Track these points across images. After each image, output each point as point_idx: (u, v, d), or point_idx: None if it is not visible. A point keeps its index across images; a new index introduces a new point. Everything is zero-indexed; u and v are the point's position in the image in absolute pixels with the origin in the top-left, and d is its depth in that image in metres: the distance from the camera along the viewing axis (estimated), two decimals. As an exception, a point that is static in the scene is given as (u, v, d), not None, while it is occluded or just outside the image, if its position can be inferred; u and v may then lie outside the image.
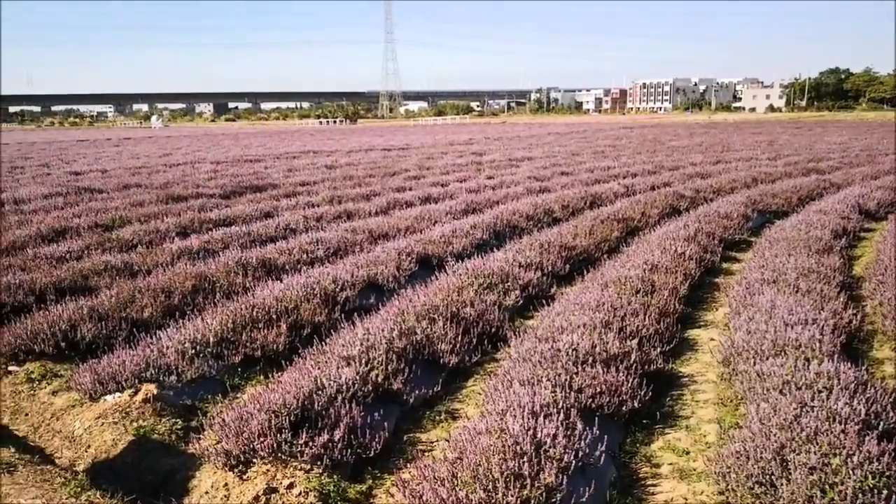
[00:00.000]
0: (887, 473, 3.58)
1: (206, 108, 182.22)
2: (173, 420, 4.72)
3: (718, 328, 6.92)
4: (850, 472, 3.56)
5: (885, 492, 3.43)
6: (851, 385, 4.56)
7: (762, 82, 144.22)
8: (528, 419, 4.13)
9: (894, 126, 50.49)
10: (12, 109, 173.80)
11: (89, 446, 4.51)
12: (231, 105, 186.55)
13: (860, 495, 3.44)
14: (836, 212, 11.55)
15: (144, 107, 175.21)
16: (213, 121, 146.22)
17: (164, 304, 6.75)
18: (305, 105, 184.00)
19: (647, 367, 5.41)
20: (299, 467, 4.12)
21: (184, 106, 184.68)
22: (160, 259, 8.43)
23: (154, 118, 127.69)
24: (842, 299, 6.83)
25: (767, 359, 5.16)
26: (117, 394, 4.94)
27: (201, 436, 4.50)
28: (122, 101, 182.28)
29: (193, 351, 5.53)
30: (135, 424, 4.60)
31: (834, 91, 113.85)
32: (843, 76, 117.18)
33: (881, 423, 4.19)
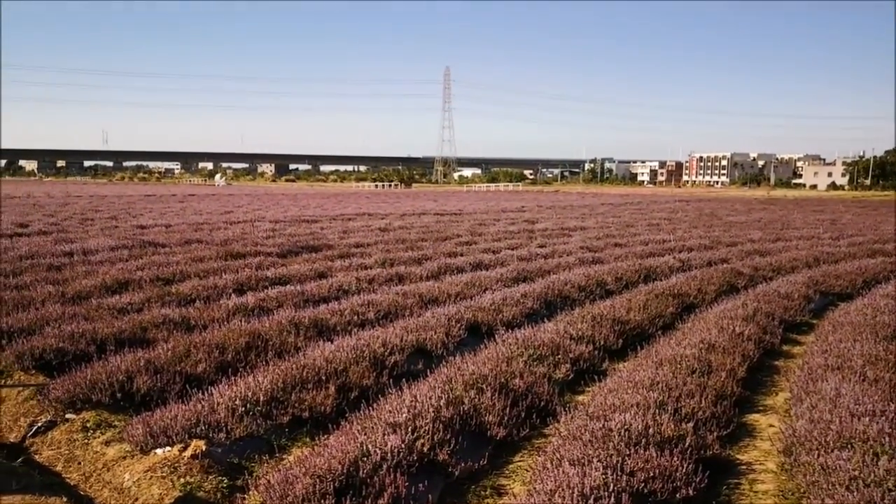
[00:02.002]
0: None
1: (268, 168, 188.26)
2: (220, 478, 4.73)
3: (779, 414, 6.65)
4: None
5: None
6: (924, 484, 4.30)
7: (824, 159, 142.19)
8: (578, 501, 4.01)
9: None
10: (87, 163, 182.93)
11: (137, 499, 4.55)
12: (291, 166, 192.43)
13: None
14: (904, 297, 11.12)
15: (209, 164, 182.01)
16: (273, 181, 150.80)
17: (218, 359, 6.86)
18: (362, 168, 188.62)
19: (702, 451, 5.21)
20: (341, 536, 4.05)
21: (246, 165, 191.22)
22: (216, 315, 8.60)
23: (217, 176, 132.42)
24: (912, 390, 6.50)
25: (832, 451, 4.91)
26: (167, 448, 4.99)
27: (246, 496, 4.50)
28: (188, 159, 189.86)
29: (243, 409, 5.57)
30: (182, 480, 4.62)
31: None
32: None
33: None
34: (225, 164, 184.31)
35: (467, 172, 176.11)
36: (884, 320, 9.17)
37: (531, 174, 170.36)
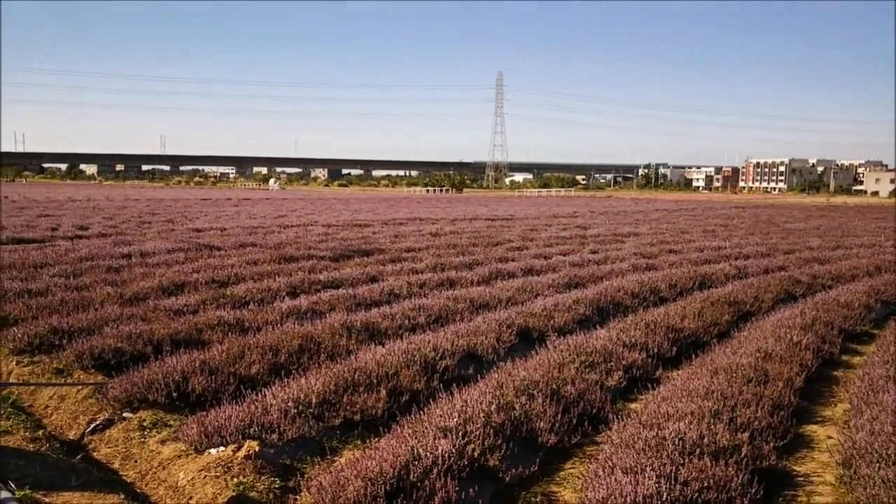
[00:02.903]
0: None
1: (321, 173, 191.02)
2: (272, 479, 4.81)
3: (837, 426, 6.44)
4: None
5: None
6: None
7: (886, 165, 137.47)
8: (630, 510, 3.95)
9: None
10: (145, 168, 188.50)
11: (191, 498, 4.65)
12: (344, 171, 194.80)
13: None
14: (974, 307, 10.67)
15: (263, 169, 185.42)
16: (326, 185, 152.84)
17: (271, 361, 6.98)
18: (414, 173, 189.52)
19: (758, 462, 5.09)
20: (391, 538, 4.08)
21: (300, 170, 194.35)
22: (270, 317, 8.75)
23: (272, 181, 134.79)
24: (981, 405, 6.23)
25: (893, 464, 4.75)
26: (221, 448, 5.09)
27: (297, 497, 4.56)
28: (243, 164, 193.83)
29: (296, 410, 5.65)
30: (235, 480, 4.71)
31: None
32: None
33: None
34: (279, 169, 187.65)
35: (519, 177, 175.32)
36: (952, 331, 8.81)
37: (583, 180, 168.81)
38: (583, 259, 16.42)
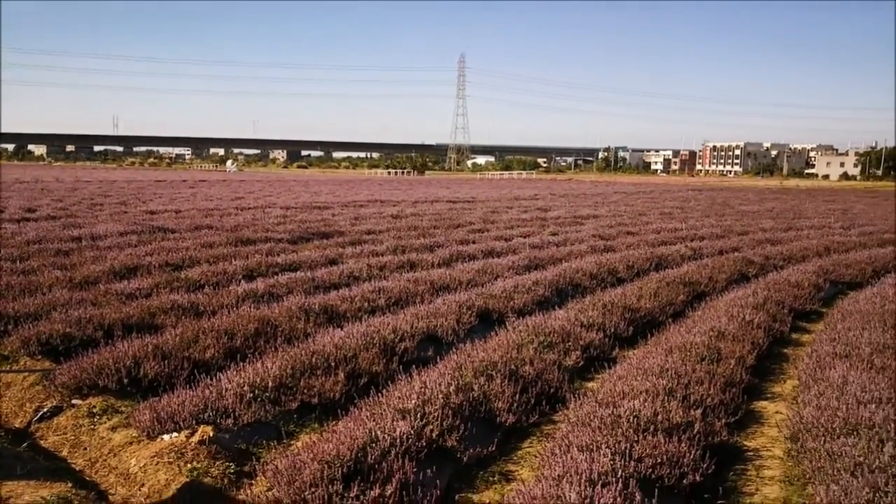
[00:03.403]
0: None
1: (280, 155, 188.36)
2: (227, 464, 4.75)
3: (786, 401, 6.61)
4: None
5: None
6: (931, 472, 4.28)
7: (836, 150, 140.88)
8: (586, 487, 4.00)
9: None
10: (97, 148, 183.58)
11: (143, 485, 4.57)
12: (303, 152, 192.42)
13: None
14: (917, 286, 11.02)
15: (220, 150, 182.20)
16: (285, 167, 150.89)
17: (227, 345, 6.88)
18: (375, 155, 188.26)
19: (710, 438, 5.20)
20: (348, 521, 4.06)
21: (258, 151, 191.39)
22: (225, 301, 8.62)
23: (229, 162, 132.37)
24: (922, 379, 6.46)
25: (839, 437, 4.90)
26: (174, 433, 5.01)
27: (253, 482, 4.51)
28: (199, 145, 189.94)
29: (252, 395, 5.58)
30: (189, 466, 4.64)
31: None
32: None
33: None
34: (236, 150, 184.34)
35: (480, 160, 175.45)
36: (892, 309, 9.10)
37: (545, 162, 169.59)
38: (543, 241, 16.51)
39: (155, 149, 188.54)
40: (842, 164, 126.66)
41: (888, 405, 5.39)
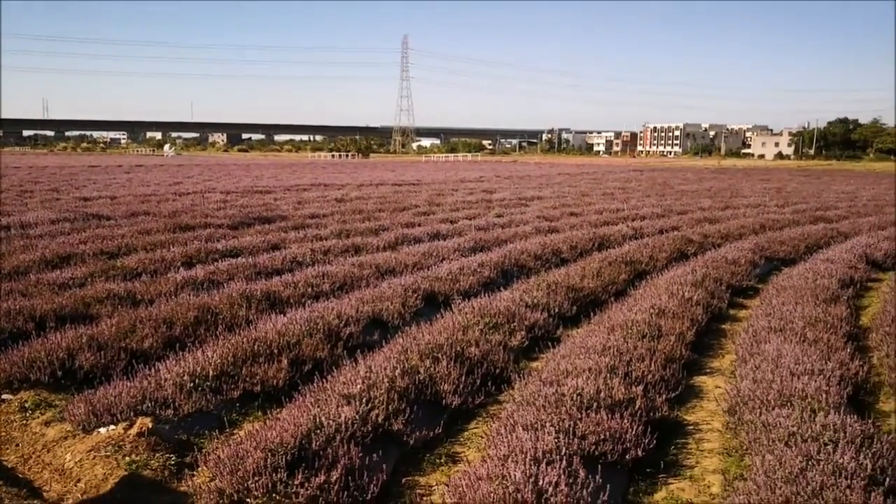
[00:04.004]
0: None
1: (220, 138, 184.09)
2: (167, 455, 4.63)
3: (725, 376, 6.80)
4: (862, 533, 3.45)
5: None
6: (858, 439, 4.46)
7: (771, 130, 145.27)
8: (531, 466, 4.04)
9: (904, 176, 50.59)
10: (26, 133, 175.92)
11: (79, 480, 4.42)
12: (244, 136, 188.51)
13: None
14: (844, 261, 11.46)
15: (158, 134, 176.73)
16: (225, 151, 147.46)
17: (165, 334, 6.70)
18: (318, 138, 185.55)
19: (652, 414, 5.31)
20: (293, 508, 4.01)
21: (197, 135, 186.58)
22: (163, 289, 8.39)
23: (167, 146, 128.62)
24: (848, 350, 6.73)
25: (773, 409, 5.06)
26: (111, 426, 4.86)
27: (195, 472, 4.42)
28: (135, 129, 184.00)
29: (192, 384, 5.45)
30: (127, 459, 4.51)
31: (842, 140, 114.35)
32: (850, 126, 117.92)
33: (887, 478, 4.08)
34: (174, 134, 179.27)
35: (426, 143, 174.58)
36: (824, 283, 9.44)
37: (490, 145, 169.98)
38: (488, 223, 16.58)
39: (88, 133, 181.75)
40: (776, 144, 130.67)
41: (819, 376, 5.59)
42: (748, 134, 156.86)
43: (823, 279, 9.74)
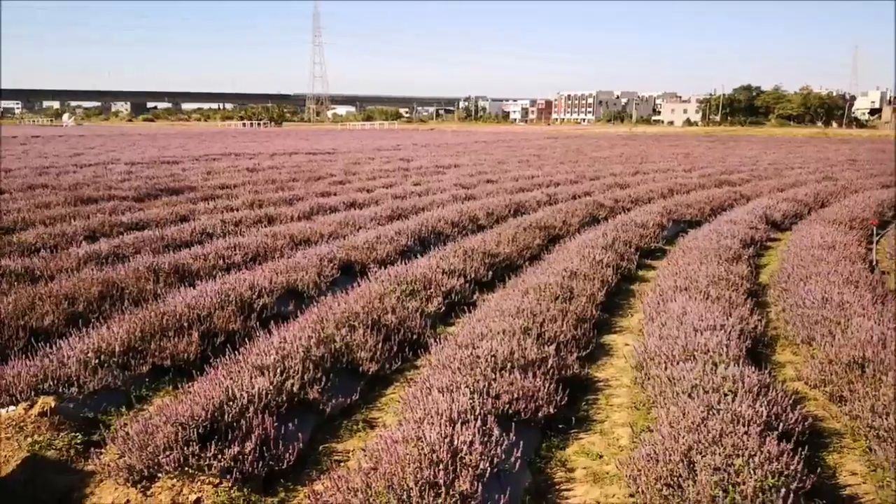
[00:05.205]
0: (786, 473, 3.72)
1: (123, 108, 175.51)
2: (72, 434, 4.47)
3: (633, 334, 7.07)
4: (752, 471, 3.68)
5: (783, 490, 3.55)
6: (755, 388, 4.74)
7: (680, 97, 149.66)
8: (446, 427, 4.10)
9: (800, 142, 53.35)
10: None
11: (-23, 464, 4.22)
12: (150, 105, 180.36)
13: (760, 494, 3.56)
14: (745, 222, 12.04)
15: (56, 104, 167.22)
16: (130, 120, 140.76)
17: (67, 311, 6.41)
18: (229, 106, 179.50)
19: (563, 372, 5.47)
20: (207, 481, 3.96)
21: (99, 104, 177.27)
22: (65, 264, 8.01)
23: (66, 116, 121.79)
24: (748, 305, 7.11)
25: (678, 363, 5.30)
26: (11, 407, 4.63)
27: (102, 450, 4.28)
28: (30, 97, 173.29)
29: (97, 361, 5.26)
30: (29, 439, 4.33)
31: (746, 107, 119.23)
32: (754, 93, 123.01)
33: (781, 424, 4.36)
34: (74, 104, 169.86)
35: (341, 111, 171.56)
36: (726, 244, 9.90)
37: (407, 113, 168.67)
38: (405, 191, 16.54)
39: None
40: (685, 111, 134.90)
41: (721, 331, 5.88)
42: (658, 101, 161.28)
43: (726, 240, 10.20)
